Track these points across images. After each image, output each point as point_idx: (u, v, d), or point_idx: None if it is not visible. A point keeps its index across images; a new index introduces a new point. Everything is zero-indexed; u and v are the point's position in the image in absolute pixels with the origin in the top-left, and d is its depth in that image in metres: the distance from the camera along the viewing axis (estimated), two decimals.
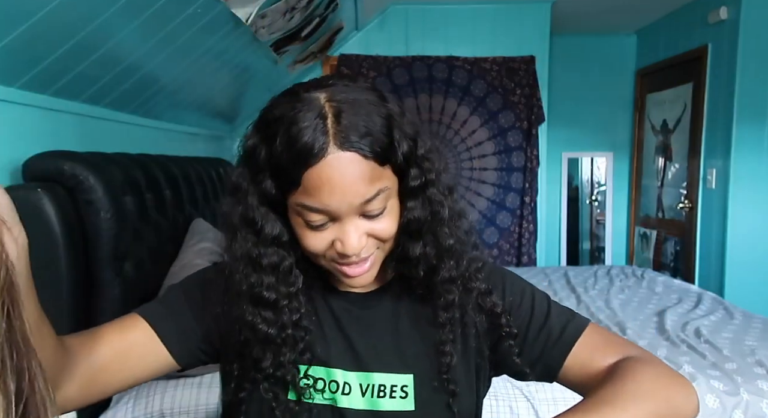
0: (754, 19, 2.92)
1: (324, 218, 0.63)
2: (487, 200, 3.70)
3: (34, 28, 1.19)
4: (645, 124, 4.06)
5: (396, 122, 0.63)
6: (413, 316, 0.74)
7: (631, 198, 4.23)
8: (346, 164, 0.59)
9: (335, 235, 0.64)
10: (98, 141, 1.72)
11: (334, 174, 0.59)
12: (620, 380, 0.65)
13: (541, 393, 1.57)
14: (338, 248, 0.64)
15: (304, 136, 0.59)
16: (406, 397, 0.71)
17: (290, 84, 0.73)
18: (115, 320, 0.75)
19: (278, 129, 0.61)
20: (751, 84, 2.94)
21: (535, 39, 3.60)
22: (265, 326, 0.68)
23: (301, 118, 0.60)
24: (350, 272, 0.67)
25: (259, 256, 0.67)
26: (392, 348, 0.73)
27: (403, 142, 0.63)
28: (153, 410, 1.48)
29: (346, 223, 0.63)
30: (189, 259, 1.73)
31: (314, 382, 0.72)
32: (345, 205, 0.61)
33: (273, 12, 2.07)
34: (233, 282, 0.69)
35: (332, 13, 2.72)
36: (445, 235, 0.68)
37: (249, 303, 0.68)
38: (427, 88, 3.59)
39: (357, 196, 0.61)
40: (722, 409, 1.54)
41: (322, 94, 0.62)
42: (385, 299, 0.75)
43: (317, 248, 0.65)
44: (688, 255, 3.42)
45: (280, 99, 0.65)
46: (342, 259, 0.65)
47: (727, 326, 2.11)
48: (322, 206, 0.61)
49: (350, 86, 0.63)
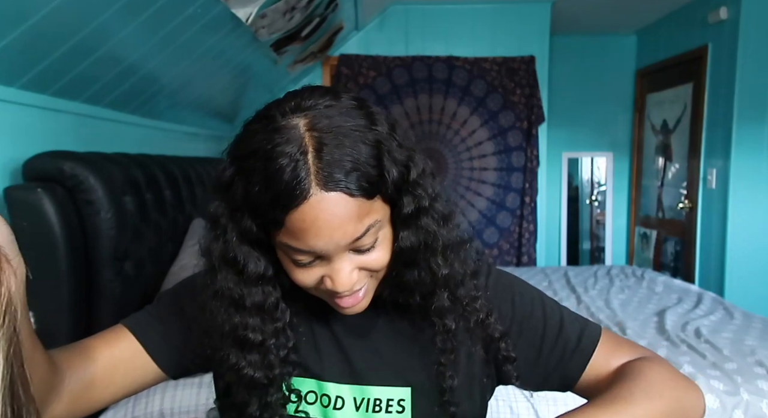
0: (754, 19, 2.92)
1: (311, 257, 0.59)
2: (487, 200, 3.70)
3: (34, 28, 1.19)
4: (645, 124, 4.06)
5: (385, 148, 0.57)
6: (411, 328, 0.70)
7: (631, 198, 4.23)
8: (332, 205, 0.54)
9: (325, 271, 0.60)
10: (98, 141, 1.72)
11: (319, 216, 0.54)
12: (632, 378, 0.65)
13: (541, 393, 1.57)
14: (328, 285, 0.60)
15: (283, 175, 0.53)
16: (402, 411, 0.68)
17: (290, 84, 0.71)
18: (102, 333, 0.73)
19: (255, 165, 0.55)
20: (751, 84, 2.94)
21: (535, 39, 3.60)
22: (251, 370, 0.64)
23: (279, 154, 0.54)
24: (343, 303, 0.63)
25: (242, 297, 0.63)
26: (389, 360, 0.70)
27: (393, 170, 0.58)
28: (153, 410, 1.48)
29: (336, 261, 0.59)
30: (189, 259, 1.73)
31: (305, 395, 0.69)
32: (332, 246, 0.57)
33: (273, 12, 2.07)
34: (214, 322, 0.64)
35: (332, 13, 2.72)
36: (439, 265, 0.63)
37: (233, 346, 0.64)
38: (427, 88, 3.59)
39: (345, 237, 0.56)
40: (722, 409, 1.54)
41: (302, 120, 0.56)
42: (383, 309, 0.70)
43: (307, 283, 0.62)
44: (688, 255, 3.42)
45: (255, 126, 0.58)
46: (335, 294, 0.62)
47: (727, 326, 2.11)
48: (308, 248, 0.57)
49: (333, 107, 0.57)
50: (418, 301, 0.66)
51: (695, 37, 3.36)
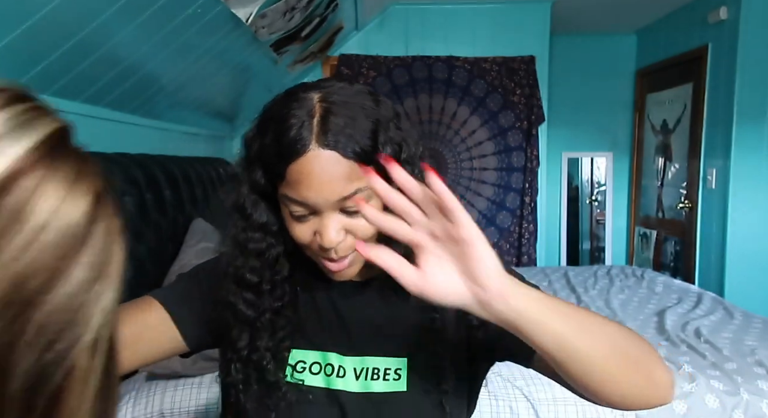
0: (754, 19, 2.92)
1: (305, 210, 0.65)
2: (487, 200, 3.70)
3: (34, 28, 1.19)
4: (645, 124, 4.06)
5: (383, 127, 0.66)
6: (406, 302, 0.74)
7: (631, 198, 4.23)
8: (325, 162, 0.62)
9: (316, 227, 0.66)
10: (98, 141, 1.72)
11: (314, 170, 0.62)
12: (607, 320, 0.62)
13: (541, 393, 1.58)
14: (317, 240, 0.66)
15: (290, 132, 0.63)
16: (399, 379, 0.74)
17: (290, 84, 0.74)
18: (130, 302, 0.77)
19: (270, 125, 0.66)
20: (751, 84, 2.94)
21: (535, 39, 3.60)
22: (244, 307, 0.72)
23: (291, 116, 0.64)
24: (331, 267, 0.69)
25: (246, 240, 0.71)
26: (387, 333, 0.75)
27: (387, 147, 0.66)
28: (153, 410, 1.48)
29: (325, 217, 0.65)
30: (189, 259, 1.73)
31: (310, 365, 0.75)
32: (321, 200, 0.64)
33: (273, 12, 2.07)
34: (222, 265, 0.73)
35: (332, 13, 2.72)
36: None
37: (232, 283, 0.72)
38: (427, 88, 3.59)
39: (334, 194, 0.63)
40: (722, 409, 1.55)
41: (317, 94, 0.65)
42: (381, 283, 0.75)
43: (302, 239, 0.68)
44: (688, 255, 3.42)
45: (280, 97, 0.69)
46: (323, 252, 0.67)
47: (727, 326, 2.12)
48: (301, 199, 0.64)
49: (346, 88, 0.67)
50: None
51: (695, 37, 3.36)
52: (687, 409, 1.56)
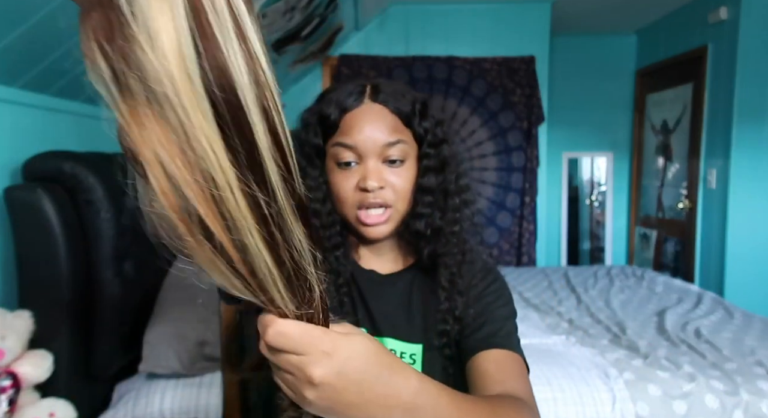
0: (754, 19, 2.92)
1: (353, 155, 0.76)
2: (487, 200, 3.70)
3: (34, 28, 1.19)
4: (645, 124, 4.06)
5: (419, 107, 0.79)
6: (424, 295, 0.82)
7: (631, 198, 4.23)
8: (376, 112, 0.76)
9: (361, 174, 0.76)
10: (98, 141, 1.72)
11: (365, 117, 0.76)
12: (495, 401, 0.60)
13: (540, 393, 1.57)
14: (360, 183, 0.75)
15: (348, 90, 0.78)
16: (414, 363, 0.78)
17: (290, 84, 0.75)
18: None
19: (329, 95, 0.79)
20: (751, 84, 2.94)
21: (535, 39, 3.60)
22: None
23: (349, 86, 0.79)
24: (369, 220, 0.76)
25: None
26: (405, 320, 0.81)
27: (425, 122, 0.79)
28: (153, 410, 1.48)
29: (369, 162, 0.76)
30: None
31: None
32: (370, 143, 0.75)
33: (273, 12, 2.07)
34: None
35: (332, 13, 2.72)
36: (450, 216, 0.79)
37: None
38: (427, 88, 3.59)
39: (381, 138, 0.75)
40: (722, 409, 1.55)
41: (368, 82, 0.80)
42: (402, 280, 0.84)
43: (346, 188, 0.76)
44: (688, 255, 3.42)
45: (335, 84, 0.83)
46: (364, 200, 0.75)
47: (727, 326, 2.12)
48: (352, 142, 0.75)
49: (393, 81, 0.82)
50: (429, 236, 0.79)
51: (695, 37, 3.36)
52: (687, 409, 1.56)
